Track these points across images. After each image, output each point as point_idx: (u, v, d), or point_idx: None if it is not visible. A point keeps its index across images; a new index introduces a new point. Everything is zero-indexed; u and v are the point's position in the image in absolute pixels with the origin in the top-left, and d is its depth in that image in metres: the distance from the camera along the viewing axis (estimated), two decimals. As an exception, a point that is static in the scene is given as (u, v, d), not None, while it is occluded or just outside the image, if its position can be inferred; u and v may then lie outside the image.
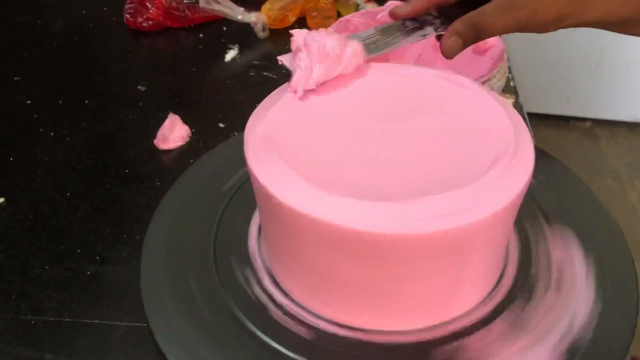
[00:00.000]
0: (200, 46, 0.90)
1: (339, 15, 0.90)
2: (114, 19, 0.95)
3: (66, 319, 0.52)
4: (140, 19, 0.91)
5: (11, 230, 0.61)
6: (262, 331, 0.44)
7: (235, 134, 0.70)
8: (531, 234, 0.51)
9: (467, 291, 0.45)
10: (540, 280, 0.47)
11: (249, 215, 0.52)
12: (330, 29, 0.75)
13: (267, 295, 0.47)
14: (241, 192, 0.54)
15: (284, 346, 0.43)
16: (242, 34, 0.90)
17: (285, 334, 0.44)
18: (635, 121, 1.76)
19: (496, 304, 0.46)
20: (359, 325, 0.44)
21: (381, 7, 0.80)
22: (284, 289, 0.47)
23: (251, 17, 0.89)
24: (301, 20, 0.92)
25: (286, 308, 0.46)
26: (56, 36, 0.92)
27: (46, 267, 0.57)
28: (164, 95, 0.80)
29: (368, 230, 0.38)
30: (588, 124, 1.79)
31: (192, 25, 0.93)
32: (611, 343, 0.43)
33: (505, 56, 0.72)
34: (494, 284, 0.47)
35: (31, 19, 0.96)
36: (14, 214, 0.63)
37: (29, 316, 0.53)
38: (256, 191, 0.45)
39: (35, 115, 0.76)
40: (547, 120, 1.76)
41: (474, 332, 0.44)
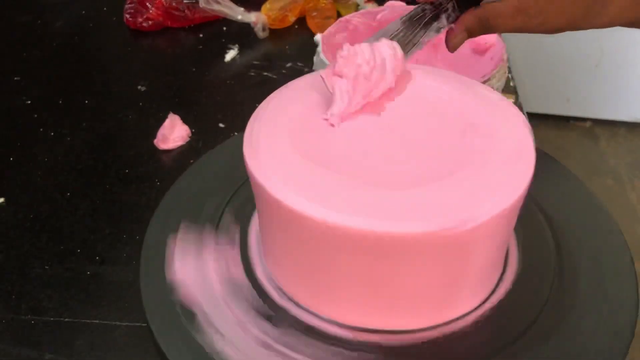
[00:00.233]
0: (200, 46, 0.90)
1: (339, 15, 0.90)
2: (114, 19, 0.95)
3: (66, 319, 0.52)
4: (140, 19, 0.91)
5: (11, 230, 0.61)
6: (262, 331, 0.44)
7: (235, 134, 0.70)
8: (531, 234, 0.51)
9: (467, 292, 0.45)
10: (540, 280, 0.47)
11: (249, 215, 0.52)
12: (331, 29, 0.76)
13: (267, 295, 0.47)
14: (241, 192, 0.54)
15: (284, 346, 0.43)
16: (242, 34, 0.90)
17: (284, 333, 0.44)
18: (635, 121, 1.76)
19: (496, 304, 0.46)
20: (358, 324, 0.44)
21: (381, 7, 0.80)
22: (283, 289, 0.47)
23: (251, 17, 0.89)
24: (301, 20, 0.92)
25: (286, 308, 0.46)
26: (56, 36, 0.92)
27: (46, 267, 0.57)
28: (164, 95, 0.80)
29: (368, 230, 0.38)
30: (588, 124, 1.79)
31: (192, 25, 0.93)
32: (611, 343, 0.43)
33: (505, 56, 0.72)
34: (494, 284, 0.47)
35: (31, 19, 0.96)
36: (14, 214, 0.63)
37: (29, 316, 0.53)
38: (255, 191, 0.45)
39: (35, 115, 0.76)
40: (547, 120, 1.76)
41: (474, 332, 0.44)
